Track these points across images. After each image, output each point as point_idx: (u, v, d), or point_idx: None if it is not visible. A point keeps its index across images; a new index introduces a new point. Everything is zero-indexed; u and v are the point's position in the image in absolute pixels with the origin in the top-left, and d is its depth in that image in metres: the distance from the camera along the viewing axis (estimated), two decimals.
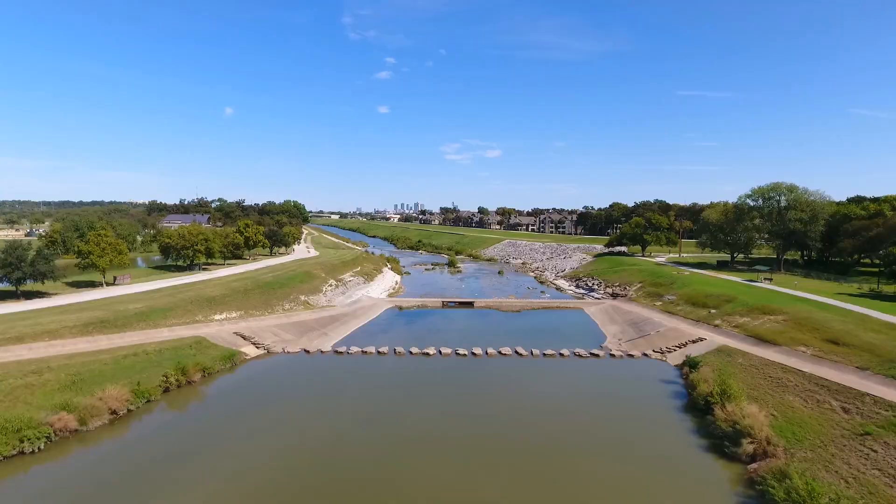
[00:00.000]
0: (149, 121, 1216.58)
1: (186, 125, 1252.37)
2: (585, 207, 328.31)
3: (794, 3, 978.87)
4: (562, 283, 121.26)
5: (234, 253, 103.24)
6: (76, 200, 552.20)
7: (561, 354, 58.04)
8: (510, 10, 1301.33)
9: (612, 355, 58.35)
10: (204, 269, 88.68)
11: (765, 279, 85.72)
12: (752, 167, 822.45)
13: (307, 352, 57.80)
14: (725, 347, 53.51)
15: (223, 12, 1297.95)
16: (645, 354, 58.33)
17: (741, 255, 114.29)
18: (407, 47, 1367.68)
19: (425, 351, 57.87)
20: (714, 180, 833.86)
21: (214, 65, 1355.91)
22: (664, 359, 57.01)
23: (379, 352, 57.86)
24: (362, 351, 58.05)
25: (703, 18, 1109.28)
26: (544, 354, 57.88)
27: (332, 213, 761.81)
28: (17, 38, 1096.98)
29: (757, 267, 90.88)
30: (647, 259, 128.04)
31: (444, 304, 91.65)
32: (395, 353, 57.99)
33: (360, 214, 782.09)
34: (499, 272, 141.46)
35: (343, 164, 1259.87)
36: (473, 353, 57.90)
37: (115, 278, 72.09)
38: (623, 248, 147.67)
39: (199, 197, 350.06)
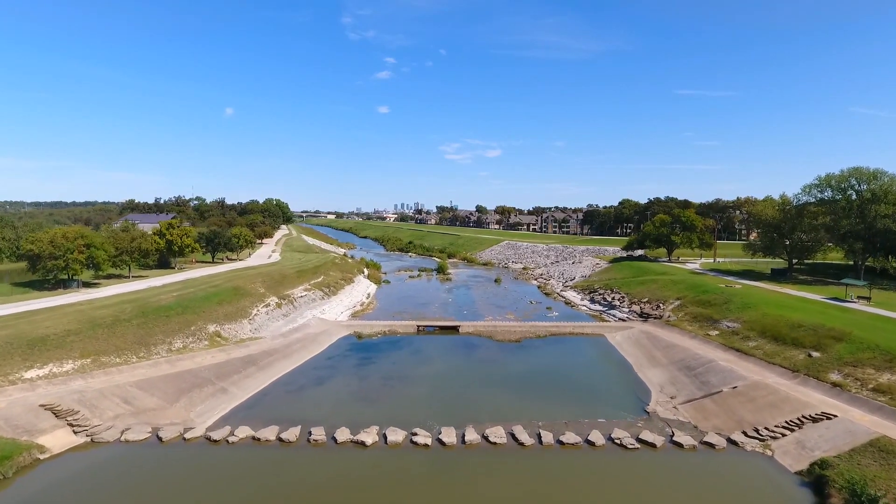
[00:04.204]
0: (150, 121, 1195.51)
1: (187, 126, 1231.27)
2: (590, 205, 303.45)
3: (793, 3, 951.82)
4: (571, 295, 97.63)
5: (144, 263, 79.27)
6: (69, 201, 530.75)
7: (589, 442, 34.27)
8: (510, 10, 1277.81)
9: (677, 443, 34.40)
10: (87, 287, 64.78)
11: (859, 298, 61.94)
12: (753, 166, 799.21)
13: (160, 439, 34.12)
14: (892, 444, 29.70)
15: (223, 12, 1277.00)
16: (731, 441, 34.46)
17: (797, 262, 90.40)
18: (407, 47, 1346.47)
19: (359, 439, 33.99)
20: (714, 179, 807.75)
21: (214, 65, 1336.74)
22: (768, 451, 33.15)
23: (281, 439, 34.20)
24: (253, 437, 34.39)
25: (702, 18, 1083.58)
26: (560, 443, 34.20)
27: (330, 212, 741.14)
28: (16, 38, 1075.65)
29: (845, 280, 66.86)
30: (677, 266, 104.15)
31: (420, 330, 68.45)
32: (308, 440, 34.28)
33: (358, 214, 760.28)
34: (495, 280, 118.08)
35: (343, 164, 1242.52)
36: (441, 442, 34.14)
37: None
38: (642, 252, 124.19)
39: (177, 196, 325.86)
